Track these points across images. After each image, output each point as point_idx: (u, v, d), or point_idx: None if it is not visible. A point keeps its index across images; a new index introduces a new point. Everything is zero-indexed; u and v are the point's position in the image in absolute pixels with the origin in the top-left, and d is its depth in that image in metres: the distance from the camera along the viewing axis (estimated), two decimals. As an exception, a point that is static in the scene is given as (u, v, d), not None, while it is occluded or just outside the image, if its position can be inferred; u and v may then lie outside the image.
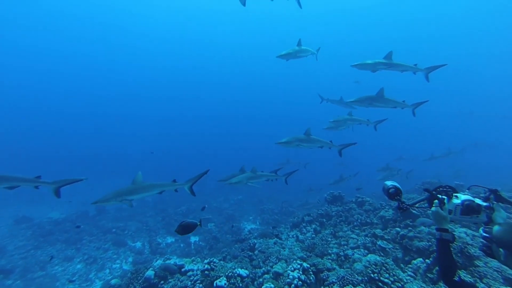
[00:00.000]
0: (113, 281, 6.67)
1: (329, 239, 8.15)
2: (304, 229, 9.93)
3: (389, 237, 7.18)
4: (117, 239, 13.90)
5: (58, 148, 46.63)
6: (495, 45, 52.06)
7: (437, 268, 4.53)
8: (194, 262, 7.42)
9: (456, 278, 2.07)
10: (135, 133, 57.40)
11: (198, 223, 4.38)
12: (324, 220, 9.96)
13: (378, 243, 7.06)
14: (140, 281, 6.22)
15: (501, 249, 1.87)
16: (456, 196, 2.46)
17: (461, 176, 17.38)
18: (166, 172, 30.88)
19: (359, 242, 7.56)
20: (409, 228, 6.71)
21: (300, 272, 4.76)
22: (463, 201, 2.37)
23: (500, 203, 2.40)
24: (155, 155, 29.30)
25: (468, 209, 2.34)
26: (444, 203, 2.43)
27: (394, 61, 8.39)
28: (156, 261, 9.48)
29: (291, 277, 4.59)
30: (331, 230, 8.94)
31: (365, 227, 8.59)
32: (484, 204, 2.33)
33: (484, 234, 2.05)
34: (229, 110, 66.68)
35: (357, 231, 8.51)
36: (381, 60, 8.34)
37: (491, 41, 52.41)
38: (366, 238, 7.63)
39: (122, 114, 62.38)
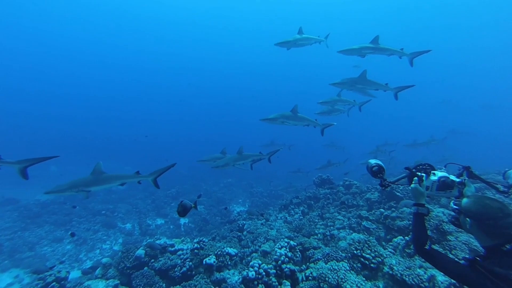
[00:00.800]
0: (104, 260, 6.74)
1: (316, 220, 8.42)
2: (292, 211, 10.20)
3: (373, 218, 7.45)
4: (107, 221, 13.93)
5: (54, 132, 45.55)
6: (481, 39, 52.80)
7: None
8: (184, 242, 7.58)
9: (426, 247, 2.25)
10: (123, 117, 56.49)
11: (192, 205, 4.43)
12: (312, 202, 10.23)
13: (363, 223, 7.33)
14: (130, 260, 6.32)
15: (467, 219, 2.03)
16: (434, 173, 2.63)
17: (445, 161, 17.93)
18: (156, 156, 30.75)
19: (345, 223, 7.85)
20: (392, 209, 6.98)
21: (287, 250, 4.94)
22: (440, 177, 2.55)
23: (471, 179, 2.60)
24: (150, 138, 28.92)
25: (444, 185, 2.53)
26: (422, 180, 2.60)
27: (380, 45, 8.46)
28: (146, 241, 9.65)
29: (278, 254, 4.77)
30: (319, 212, 9.21)
31: (351, 209, 8.89)
32: (457, 180, 2.51)
33: (454, 206, 2.23)
34: (214, 96, 66.08)
35: (343, 212, 8.80)
36: (367, 45, 8.40)
37: (476, 34, 53.08)
38: (352, 219, 7.92)
39: (115, 101, 61.19)
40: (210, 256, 5.47)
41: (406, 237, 5.30)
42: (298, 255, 5.15)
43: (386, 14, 55.57)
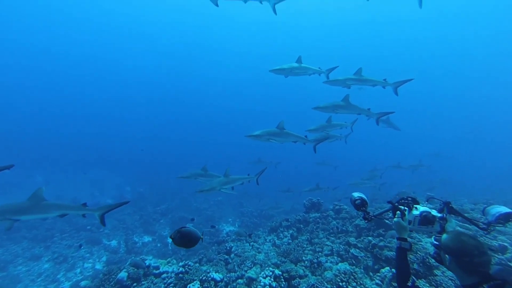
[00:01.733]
0: (82, 283, 6.53)
1: (305, 245, 8.33)
2: (281, 234, 10.08)
3: (362, 246, 7.42)
4: (92, 236, 13.53)
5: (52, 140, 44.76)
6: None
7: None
8: (169, 264, 7.39)
9: (409, 284, 2.29)
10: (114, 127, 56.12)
11: (201, 236, 3.37)
12: (302, 226, 10.15)
13: (351, 251, 7.28)
14: (112, 283, 6.13)
15: (446, 255, 2.09)
16: (416, 208, 2.71)
17: (435, 188, 18.09)
18: (147, 168, 30.34)
19: (333, 249, 7.78)
20: (381, 237, 6.98)
21: (272, 279, 4.87)
22: (421, 212, 2.64)
23: (452, 215, 2.68)
24: (143, 151, 28.59)
25: (425, 219, 2.61)
26: (405, 214, 2.67)
27: (363, 76, 8.76)
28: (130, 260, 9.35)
29: (262, 283, 4.69)
30: (308, 236, 9.13)
31: (340, 235, 8.84)
32: (439, 215, 2.58)
33: (435, 242, 2.30)
34: (203, 111, 66.46)
35: (332, 238, 8.74)
36: (351, 76, 8.68)
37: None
38: (340, 245, 7.86)
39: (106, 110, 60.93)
40: (195, 282, 5.34)
41: (393, 269, 5.28)
42: (283, 285, 5.06)
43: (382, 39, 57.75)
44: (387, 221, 8.20)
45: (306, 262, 6.75)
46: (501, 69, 52.89)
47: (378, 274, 5.83)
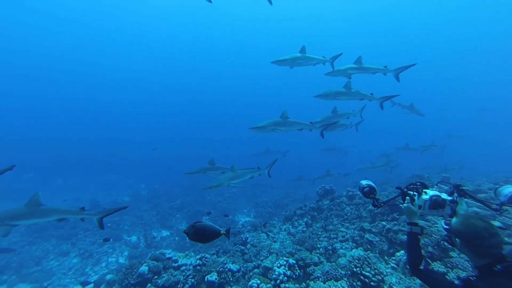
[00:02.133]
0: (108, 277, 6.82)
1: (320, 233, 8.39)
2: (296, 223, 10.17)
3: (376, 230, 7.42)
4: (113, 233, 14.05)
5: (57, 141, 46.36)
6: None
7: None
8: (187, 257, 7.62)
9: (421, 267, 2.30)
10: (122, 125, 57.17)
11: (223, 232, 3.23)
12: (316, 213, 10.20)
13: (366, 236, 7.30)
14: (134, 276, 6.39)
15: (457, 239, 2.09)
16: (425, 192, 2.70)
17: (451, 170, 17.55)
18: (159, 167, 30.92)
19: (348, 235, 7.81)
20: (395, 222, 6.95)
21: (286, 268, 4.97)
22: (431, 196, 2.63)
23: (462, 197, 2.64)
24: (157, 150, 29.04)
25: (435, 203, 2.60)
26: (414, 199, 2.66)
27: (364, 64, 8.60)
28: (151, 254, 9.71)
29: (276, 273, 4.80)
30: (322, 223, 9.18)
31: (355, 220, 8.84)
32: (449, 198, 2.56)
33: (445, 226, 2.30)
34: (212, 104, 66.54)
35: (347, 224, 8.76)
36: (352, 65, 8.54)
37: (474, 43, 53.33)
38: (355, 231, 7.88)
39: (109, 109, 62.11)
40: (212, 273, 5.51)
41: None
42: (298, 273, 5.16)
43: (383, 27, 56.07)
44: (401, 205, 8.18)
45: (321, 249, 6.81)
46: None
47: (393, 258, 5.84)
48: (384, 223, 7.15)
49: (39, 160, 32.72)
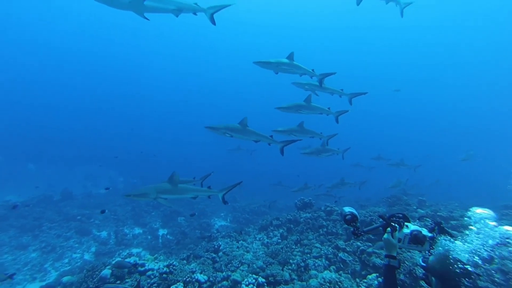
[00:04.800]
0: (64, 279, 6.39)
1: (294, 247, 8.27)
2: (271, 233, 10.02)
3: (350, 250, 7.39)
4: (82, 227, 13.41)
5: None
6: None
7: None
8: (156, 260, 7.31)
9: None
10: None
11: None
12: (292, 226, 10.08)
13: (339, 255, 7.25)
14: (94, 280, 6.02)
15: (433, 278, 2.01)
16: (407, 226, 2.62)
17: (426, 190, 17.87)
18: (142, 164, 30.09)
19: (322, 251, 7.73)
20: (369, 243, 6.94)
21: (254, 287, 4.80)
22: (412, 231, 2.55)
23: (442, 234, 2.58)
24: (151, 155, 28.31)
25: (415, 238, 2.52)
26: (395, 231, 2.58)
27: (294, 62, 8.41)
28: (118, 255, 9.26)
29: (244, 291, 4.62)
30: (297, 236, 9.08)
31: (330, 237, 8.81)
32: (429, 235, 2.49)
33: (422, 264, 2.20)
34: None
35: (322, 239, 8.71)
36: (284, 61, 8.26)
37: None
38: (329, 248, 7.82)
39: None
40: (178, 284, 5.26)
41: (379, 278, 5.23)
42: (267, 291, 5.00)
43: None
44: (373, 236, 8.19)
45: (293, 265, 6.69)
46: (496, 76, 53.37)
47: (365, 280, 5.80)
48: (359, 243, 7.13)
49: (10, 143, 31.12)
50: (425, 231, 2.54)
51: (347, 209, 3.01)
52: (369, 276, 5.80)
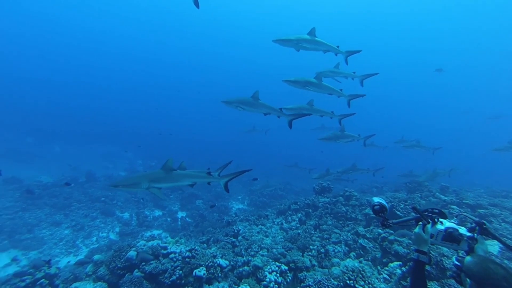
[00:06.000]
0: (95, 257, 6.73)
1: (313, 232, 8.29)
2: (289, 218, 10.09)
3: (370, 236, 7.31)
4: (105, 208, 14.03)
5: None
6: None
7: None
8: (177, 244, 7.53)
9: None
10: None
11: None
12: (310, 210, 10.09)
13: (359, 241, 7.20)
14: (122, 260, 6.29)
15: (468, 279, 1.92)
16: (441, 222, 2.49)
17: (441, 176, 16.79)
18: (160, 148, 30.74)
19: (341, 237, 7.71)
20: (391, 231, 6.81)
21: (278, 275, 4.85)
22: (447, 228, 2.42)
23: (484, 236, 2.43)
24: (168, 134, 28.60)
25: (450, 236, 2.40)
26: (427, 227, 2.47)
27: (317, 38, 8.11)
28: (141, 237, 9.66)
29: (267, 279, 4.67)
30: (316, 221, 9.08)
31: (349, 222, 8.74)
32: (468, 234, 2.35)
33: (456, 263, 2.11)
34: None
35: (340, 225, 8.67)
36: (305, 37, 7.97)
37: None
38: (348, 234, 7.78)
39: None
40: (201, 268, 5.40)
41: (403, 268, 5.15)
42: (289, 279, 5.04)
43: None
44: (398, 212, 8.04)
45: (313, 251, 6.70)
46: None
47: (386, 268, 5.73)
48: (380, 230, 7.03)
49: (39, 125, 32.52)
50: (463, 230, 2.40)
51: (376, 199, 2.93)
52: (391, 264, 5.73)
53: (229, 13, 61.77)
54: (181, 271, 5.60)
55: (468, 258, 2.03)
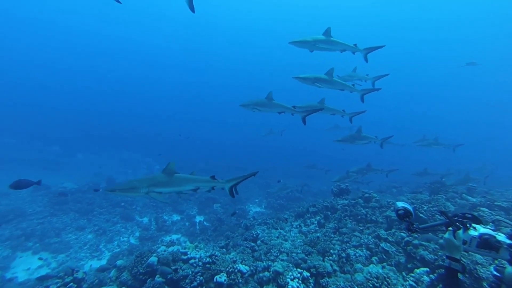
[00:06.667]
0: (118, 262, 6.89)
1: (332, 235, 8.14)
2: (308, 221, 9.95)
3: (393, 240, 7.08)
4: (125, 213, 14.38)
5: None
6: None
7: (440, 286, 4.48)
8: (197, 249, 7.59)
9: None
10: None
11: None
12: (329, 213, 9.92)
13: (381, 245, 6.98)
14: (143, 265, 6.40)
15: None
16: (474, 228, 2.35)
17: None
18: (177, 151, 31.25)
19: (361, 240, 7.51)
20: (415, 235, 6.57)
21: (300, 282, 4.77)
22: (482, 234, 2.27)
23: None
24: (185, 137, 29.00)
25: (486, 243, 2.23)
26: (457, 232, 2.34)
27: (332, 38, 8.00)
28: (161, 242, 9.82)
29: (289, 287, 4.61)
30: (335, 224, 8.91)
31: (370, 225, 8.52)
32: (508, 241, 2.19)
33: (495, 273, 1.99)
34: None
35: (361, 228, 8.46)
36: (321, 37, 7.88)
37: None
38: (369, 237, 7.57)
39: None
40: (221, 274, 5.40)
41: (431, 275, 4.92)
42: (311, 286, 4.95)
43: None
44: (421, 214, 7.74)
45: (334, 255, 6.57)
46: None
47: (412, 274, 5.52)
48: (403, 234, 6.80)
49: (64, 134, 34.00)
50: (501, 237, 2.23)
51: (400, 203, 2.83)
52: (417, 270, 5.51)
53: (239, 16, 62.31)
54: (201, 277, 5.63)
55: (510, 268, 1.91)
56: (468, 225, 2.37)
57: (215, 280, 5.34)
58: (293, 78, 8.11)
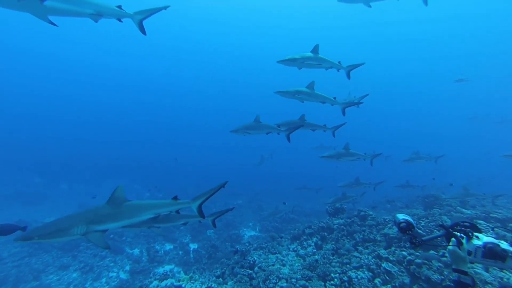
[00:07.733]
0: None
1: (331, 257, 7.92)
2: (305, 243, 9.72)
3: (394, 258, 6.93)
4: (115, 245, 13.64)
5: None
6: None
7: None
8: (192, 280, 7.22)
9: None
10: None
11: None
12: (326, 233, 9.72)
13: (383, 265, 6.81)
14: (135, 304, 5.98)
15: None
16: (477, 237, 2.28)
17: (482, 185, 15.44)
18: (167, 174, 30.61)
19: (362, 261, 7.33)
20: (417, 253, 6.45)
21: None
22: (486, 243, 2.20)
23: None
24: (173, 160, 28.45)
25: (491, 252, 2.15)
26: (462, 243, 2.27)
27: (320, 55, 8.16)
28: (153, 275, 9.29)
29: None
30: (333, 245, 8.71)
31: (368, 244, 8.36)
32: None
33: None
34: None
35: (359, 248, 8.29)
36: (310, 55, 7.98)
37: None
38: (369, 257, 7.40)
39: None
40: (219, 308, 5.07)
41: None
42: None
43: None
44: (420, 231, 7.68)
45: (335, 279, 6.34)
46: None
47: (418, 295, 5.35)
48: (404, 253, 6.67)
49: (45, 163, 32.69)
50: (505, 245, 2.16)
51: (401, 216, 2.76)
52: (422, 291, 5.35)
53: (226, 41, 64.14)
54: (198, 313, 5.28)
55: None
56: (470, 234, 2.32)
57: (213, 316, 5.00)
58: (275, 93, 8.30)
